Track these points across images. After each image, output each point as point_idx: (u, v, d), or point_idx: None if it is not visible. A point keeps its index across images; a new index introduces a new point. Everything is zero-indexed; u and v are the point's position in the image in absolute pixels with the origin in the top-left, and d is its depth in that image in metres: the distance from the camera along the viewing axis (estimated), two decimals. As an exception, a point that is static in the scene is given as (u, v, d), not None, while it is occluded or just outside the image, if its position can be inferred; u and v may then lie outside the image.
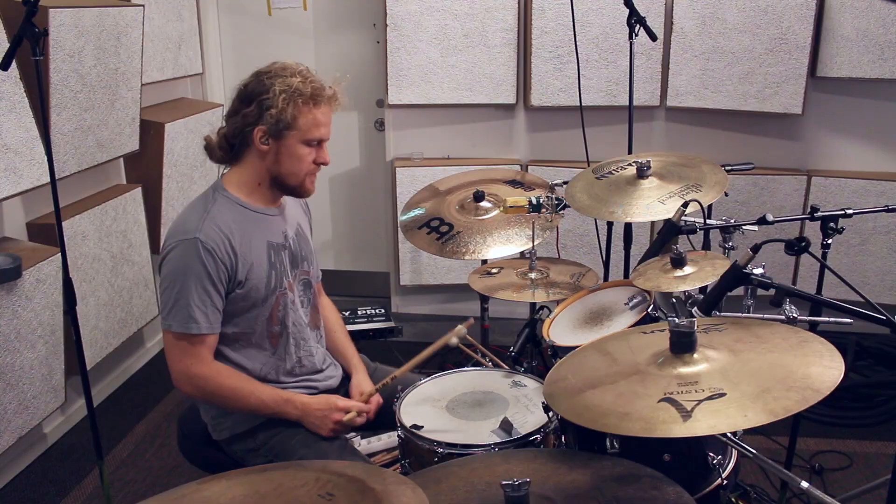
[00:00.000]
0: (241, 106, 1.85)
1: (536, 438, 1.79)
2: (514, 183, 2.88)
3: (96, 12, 2.89)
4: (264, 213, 1.95)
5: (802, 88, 3.47)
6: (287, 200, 2.04)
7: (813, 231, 2.28)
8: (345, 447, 1.96)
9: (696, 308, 1.95)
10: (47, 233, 2.81)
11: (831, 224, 2.16)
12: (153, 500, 1.27)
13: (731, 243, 2.29)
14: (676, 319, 1.48)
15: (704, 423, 1.29)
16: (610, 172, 2.41)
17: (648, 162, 2.30)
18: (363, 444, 2.28)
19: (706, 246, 2.38)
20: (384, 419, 2.07)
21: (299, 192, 1.96)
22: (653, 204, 2.21)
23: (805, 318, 1.86)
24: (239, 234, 1.87)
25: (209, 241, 1.81)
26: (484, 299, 2.86)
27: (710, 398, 1.33)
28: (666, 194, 2.23)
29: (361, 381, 2.11)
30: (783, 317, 1.81)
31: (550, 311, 2.28)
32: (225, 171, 1.97)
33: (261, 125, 1.83)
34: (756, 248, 1.70)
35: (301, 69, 1.86)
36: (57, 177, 2.35)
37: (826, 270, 2.00)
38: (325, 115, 1.88)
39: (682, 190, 2.23)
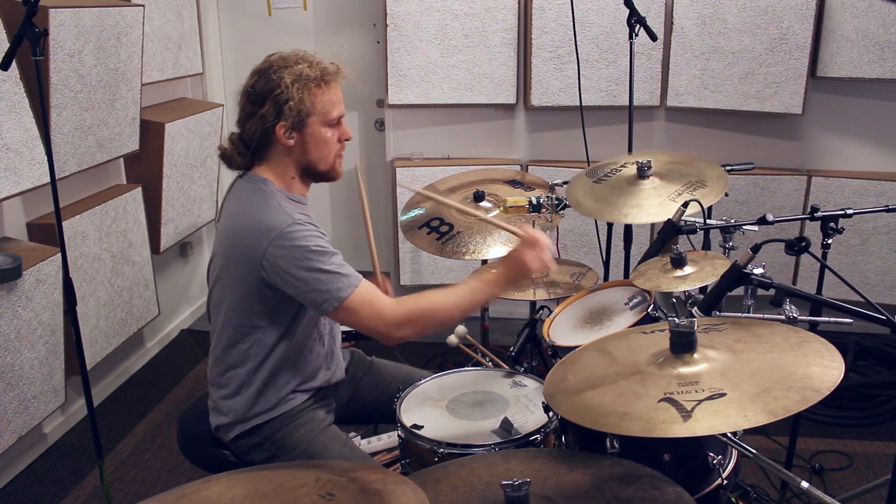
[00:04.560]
0: (255, 107, 1.83)
1: (536, 438, 1.79)
2: (514, 183, 2.88)
3: (96, 12, 2.89)
4: (305, 205, 1.96)
5: (802, 88, 3.47)
6: None
7: (813, 231, 2.28)
8: (346, 443, 1.96)
9: (696, 308, 1.95)
10: (47, 233, 2.81)
11: (831, 224, 2.16)
12: (153, 500, 1.27)
13: (731, 243, 2.29)
14: (676, 319, 1.48)
15: (704, 423, 1.29)
16: (607, 175, 2.41)
17: (649, 161, 2.30)
18: (363, 444, 2.28)
19: (706, 246, 2.38)
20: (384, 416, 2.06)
21: (331, 175, 1.95)
22: (665, 203, 2.20)
23: (805, 318, 1.86)
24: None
25: (303, 219, 1.82)
26: (484, 299, 2.86)
27: (710, 398, 1.33)
28: (673, 192, 2.22)
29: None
30: (783, 317, 1.81)
31: (550, 311, 2.28)
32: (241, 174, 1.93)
33: (281, 121, 1.82)
34: (756, 248, 1.70)
35: (301, 55, 1.85)
36: (57, 177, 2.36)
37: (826, 270, 2.00)
38: (337, 92, 1.88)
39: (685, 187, 2.22)
